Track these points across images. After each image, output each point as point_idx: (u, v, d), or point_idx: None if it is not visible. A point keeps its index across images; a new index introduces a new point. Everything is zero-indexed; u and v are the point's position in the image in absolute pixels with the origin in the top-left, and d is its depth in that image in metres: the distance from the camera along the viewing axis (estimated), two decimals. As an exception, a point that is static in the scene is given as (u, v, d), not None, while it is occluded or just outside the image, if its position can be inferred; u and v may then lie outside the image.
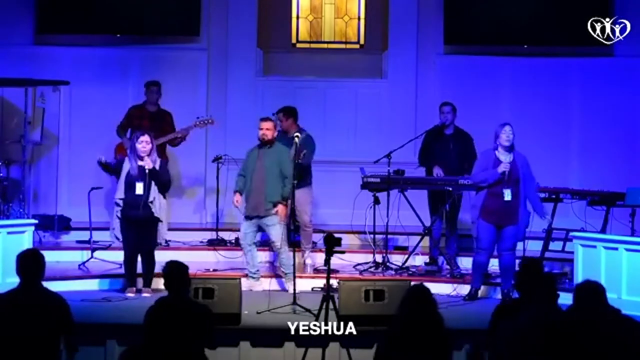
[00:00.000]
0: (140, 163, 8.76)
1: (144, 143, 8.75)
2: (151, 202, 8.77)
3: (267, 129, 9.14)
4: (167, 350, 5.67)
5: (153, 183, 8.77)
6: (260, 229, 9.30)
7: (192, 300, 6.05)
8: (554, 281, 5.62)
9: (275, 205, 9.05)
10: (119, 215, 8.85)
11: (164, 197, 9.00)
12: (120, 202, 8.82)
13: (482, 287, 9.09)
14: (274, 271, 9.59)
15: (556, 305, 5.43)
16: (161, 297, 6.02)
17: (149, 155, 8.78)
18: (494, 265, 9.15)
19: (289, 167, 9.03)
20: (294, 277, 8.82)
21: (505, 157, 8.73)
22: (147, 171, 8.72)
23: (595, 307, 5.20)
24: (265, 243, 10.30)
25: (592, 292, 5.27)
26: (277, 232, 9.07)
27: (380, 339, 5.65)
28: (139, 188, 8.74)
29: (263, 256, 10.04)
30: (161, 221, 8.88)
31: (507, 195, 8.67)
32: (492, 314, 6.07)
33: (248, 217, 9.17)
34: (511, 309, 5.93)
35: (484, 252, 8.79)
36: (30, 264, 5.90)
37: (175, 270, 5.99)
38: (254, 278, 9.20)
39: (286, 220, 9.07)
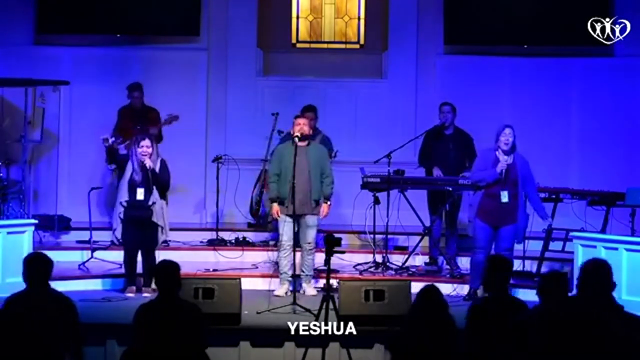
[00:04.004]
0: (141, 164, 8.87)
1: (144, 147, 8.89)
2: (151, 205, 8.85)
3: (304, 124, 9.01)
4: (158, 350, 5.67)
5: (154, 187, 8.85)
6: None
7: (182, 299, 6.03)
8: (564, 279, 5.60)
9: (317, 204, 9.01)
10: (121, 216, 8.90)
11: (165, 198, 9.04)
12: (125, 204, 8.88)
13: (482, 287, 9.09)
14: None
15: (563, 302, 5.42)
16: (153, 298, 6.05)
17: (149, 157, 8.89)
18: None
19: (329, 166, 9.11)
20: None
21: (504, 158, 8.74)
22: (148, 168, 8.80)
23: (601, 292, 5.15)
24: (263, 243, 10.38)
25: (597, 272, 5.20)
26: (314, 232, 9.03)
27: (392, 340, 5.65)
28: (140, 193, 8.87)
29: (266, 256, 10.08)
30: (161, 226, 8.91)
31: (504, 197, 8.68)
32: (467, 315, 6.05)
33: (290, 216, 8.93)
34: (486, 308, 5.97)
35: (481, 251, 8.79)
36: (37, 268, 5.92)
37: (165, 270, 5.98)
38: (289, 281, 9.07)
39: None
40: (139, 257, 8.96)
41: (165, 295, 5.91)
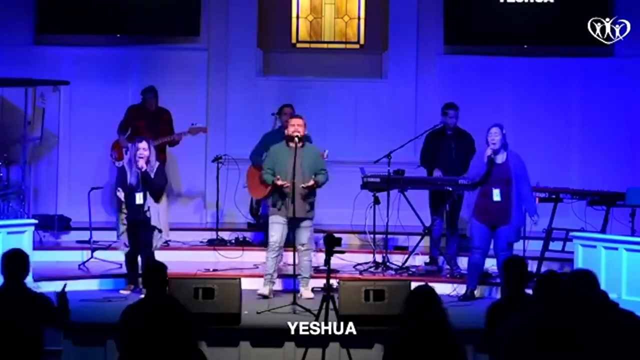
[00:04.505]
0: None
1: (141, 150, 8.87)
2: (147, 210, 8.87)
3: (299, 125, 8.96)
4: (149, 350, 5.70)
5: (149, 193, 8.86)
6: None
7: (168, 297, 6.09)
8: (556, 280, 5.60)
9: (311, 207, 8.99)
10: (124, 221, 8.96)
11: (159, 201, 8.98)
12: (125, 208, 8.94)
13: (481, 287, 9.10)
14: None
15: (556, 305, 5.42)
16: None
17: (147, 162, 8.87)
18: (493, 265, 9.16)
19: (324, 163, 9.08)
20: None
21: (497, 157, 8.76)
22: (140, 169, 8.79)
23: (587, 297, 5.14)
24: (263, 243, 10.36)
25: (583, 280, 5.20)
26: (307, 233, 9.01)
27: (385, 340, 5.64)
28: (139, 198, 8.87)
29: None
30: (159, 229, 8.91)
31: (496, 195, 8.71)
32: (485, 314, 6.06)
33: (283, 218, 8.92)
34: (504, 307, 5.97)
35: (478, 251, 8.81)
36: (16, 264, 5.92)
37: (151, 271, 6.10)
38: (273, 283, 9.06)
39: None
40: (139, 259, 8.98)
41: (151, 294, 6.02)
